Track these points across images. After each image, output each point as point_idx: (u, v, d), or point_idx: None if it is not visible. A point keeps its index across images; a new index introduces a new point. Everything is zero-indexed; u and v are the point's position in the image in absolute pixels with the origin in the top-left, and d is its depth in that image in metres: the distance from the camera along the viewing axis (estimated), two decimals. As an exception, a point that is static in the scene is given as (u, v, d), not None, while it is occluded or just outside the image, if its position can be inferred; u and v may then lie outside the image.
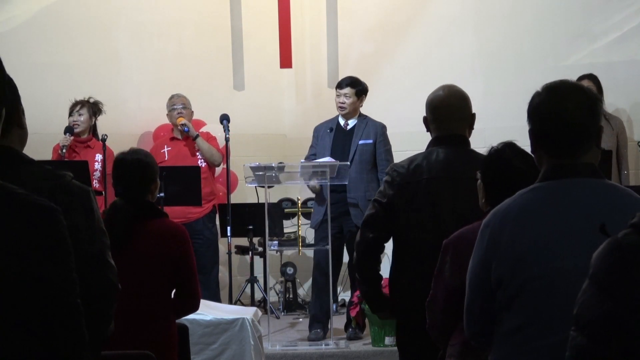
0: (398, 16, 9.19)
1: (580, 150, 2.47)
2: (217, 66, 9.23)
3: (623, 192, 2.48)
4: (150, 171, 3.99)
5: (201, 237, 7.62)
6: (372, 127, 7.16)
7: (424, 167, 3.81)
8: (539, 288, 2.39)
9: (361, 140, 7.12)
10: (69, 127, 7.39)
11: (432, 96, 3.92)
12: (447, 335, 3.27)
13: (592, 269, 1.75)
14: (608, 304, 1.70)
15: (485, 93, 8.21)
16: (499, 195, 2.91)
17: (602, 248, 1.75)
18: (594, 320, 1.72)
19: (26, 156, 2.51)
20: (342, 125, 7.24)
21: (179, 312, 4.06)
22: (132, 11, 8.90)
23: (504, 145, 3.21)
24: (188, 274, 3.96)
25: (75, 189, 2.52)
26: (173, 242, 3.92)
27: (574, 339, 1.76)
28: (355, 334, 7.09)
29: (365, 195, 7.03)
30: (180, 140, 7.79)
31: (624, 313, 1.68)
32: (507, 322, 2.46)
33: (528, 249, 2.41)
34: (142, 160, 3.99)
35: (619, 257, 1.71)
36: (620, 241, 1.72)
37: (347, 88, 7.20)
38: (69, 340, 1.89)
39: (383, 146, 7.13)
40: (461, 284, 3.10)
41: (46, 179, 2.47)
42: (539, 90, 2.52)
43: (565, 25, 8.47)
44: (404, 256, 3.83)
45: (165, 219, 4.03)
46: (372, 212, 3.87)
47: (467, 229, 3.18)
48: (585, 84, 3.18)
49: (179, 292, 4.00)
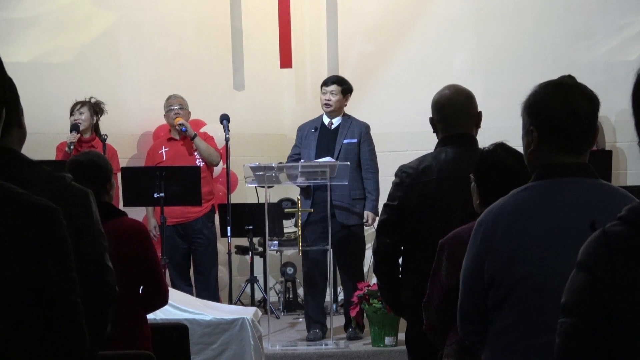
0: (398, 16, 9.19)
1: (584, 146, 2.48)
2: (217, 66, 9.23)
3: (617, 192, 2.48)
4: (104, 171, 4.02)
5: (200, 236, 7.65)
6: (356, 127, 7.18)
7: (433, 167, 3.81)
8: (531, 287, 2.39)
9: (346, 139, 7.14)
10: (75, 125, 7.44)
11: (437, 96, 3.91)
12: (444, 335, 3.27)
13: (579, 257, 1.80)
14: (595, 286, 1.74)
15: (485, 93, 8.19)
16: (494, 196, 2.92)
17: (590, 238, 1.80)
18: (581, 301, 1.76)
19: (25, 157, 2.50)
20: (326, 124, 7.26)
21: (147, 308, 4.11)
22: (132, 11, 8.90)
23: (496, 146, 3.22)
24: (152, 270, 4.01)
25: (75, 191, 2.52)
26: (133, 239, 3.97)
27: (562, 324, 1.79)
28: (355, 334, 7.09)
29: (350, 194, 7.04)
30: (178, 141, 7.81)
31: (611, 294, 1.72)
32: (499, 321, 2.46)
33: (521, 248, 2.41)
34: (95, 162, 4.02)
35: (604, 244, 1.75)
36: (606, 231, 1.78)
37: (333, 85, 7.23)
38: (70, 339, 1.90)
39: (367, 146, 7.15)
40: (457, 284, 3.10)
41: (46, 181, 2.47)
42: (538, 89, 2.51)
43: (565, 25, 8.46)
44: (414, 256, 3.83)
45: (123, 217, 4.05)
46: (385, 217, 3.88)
47: (462, 229, 3.19)
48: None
49: (145, 288, 4.06)
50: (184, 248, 7.71)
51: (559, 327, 1.80)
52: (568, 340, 1.78)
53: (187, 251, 7.74)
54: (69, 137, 7.35)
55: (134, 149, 8.81)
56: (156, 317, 4.93)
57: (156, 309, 4.25)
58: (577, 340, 1.76)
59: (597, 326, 1.73)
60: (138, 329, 4.01)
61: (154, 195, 6.97)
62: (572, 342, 1.77)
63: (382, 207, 3.93)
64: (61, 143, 7.48)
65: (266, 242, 7.18)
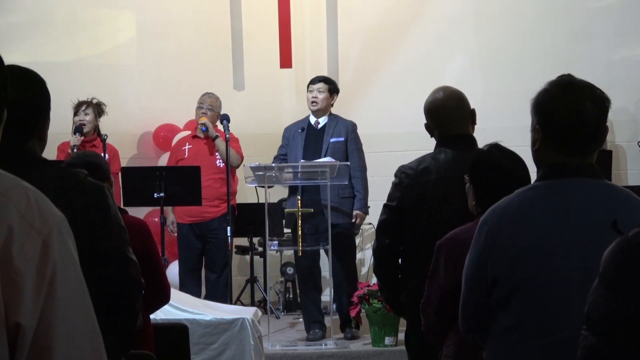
0: (398, 16, 9.19)
1: (590, 149, 2.47)
2: (217, 66, 9.23)
3: (622, 192, 2.48)
4: (102, 170, 4.02)
5: (215, 236, 7.62)
6: (342, 125, 7.18)
7: (432, 168, 3.81)
8: (535, 287, 2.39)
9: (332, 138, 7.13)
10: (79, 127, 7.42)
11: (428, 102, 3.92)
12: (442, 336, 3.28)
13: (602, 268, 1.74)
14: (617, 302, 1.69)
15: (485, 93, 8.21)
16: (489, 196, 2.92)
17: (612, 247, 1.74)
18: (603, 319, 1.71)
19: (40, 156, 2.55)
20: (312, 124, 7.25)
21: (149, 306, 4.09)
22: (132, 11, 8.90)
23: (490, 146, 3.22)
24: (153, 268, 4.00)
25: (90, 186, 2.55)
26: (135, 237, 3.95)
27: (585, 339, 1.75)
28: (352, 334, 7.09)
29: (339, 193, 7.02)
30: (201, 139, 7.79)
31: (633, 312, 1.67)
32: (502, 321, 2.46)
33: (525, 248, 2.40)
34: (92, 162, 4.02)
35: (628, 256, 1.70)
36: (629, 240, 1.71)
37: (320, 83, 7.24)
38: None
39: (354, 144, 7.15)
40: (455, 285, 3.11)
41: (61, 178, 2.50)
42: (548, 87, 2.49)
43: (565, 25, 8.46)
44: (413, 256, 3.83)
45: (124, 215, 4.05)
46: (384, 217, 3.88)
47: (459, 230, 3.19)
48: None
49: (147, 286, 4.04)
50: (198, 248, 7.69)
51: (582, 340, 1.76)
52: (590, 356, 1.74)
53: (201, 251, 7.72)
54: (72, 140, 7.33)
55: (134, 149, 8.81)
56: (156, 317, 4.92)
57: (158, 307, 4.24)
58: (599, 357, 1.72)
59: (619, 347, 1.68)
60: (141, 330, 3.96)
61: (154, 195, 6.97)
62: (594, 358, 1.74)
63: (382, 207, 3.94)
64: (62, 143, 7.48)
65: (266, 242, 7.18)
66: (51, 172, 2.50)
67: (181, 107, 8.83)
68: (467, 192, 3.27)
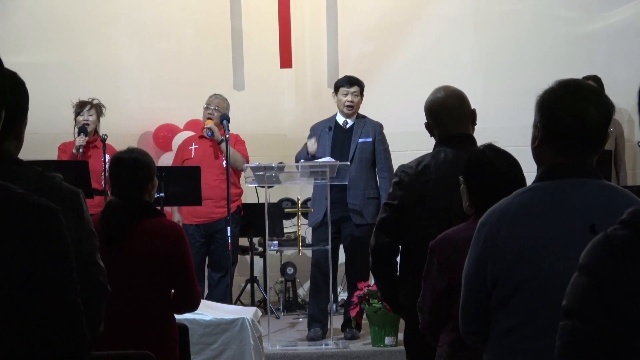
0: (398, 16, 9.19)
1: (590, 152, 2.47)
2: (217, 66, 9.23)
3: (621, 193, 2.48)
4: (147, 170, 3.98)
5: (222, 237, 7.62)
6: (370, 126, 7.20)
7: (432, 167, 3.81)
8: (534, 288, 2.38)
9: (361, 138, 7.15)
10: (82, 128, 7.40)
11: (429, 101, 3.92)
12: (438, 335, 3.29)
13: (581, 261, 1.79)
14: (598, 289, 1.74)
15: (485, 93, 8.21)
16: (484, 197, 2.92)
17: (592, 242, 1.80)
18: (584, 304, 1.76)
19: (16, 157, 2.50)
20: (341, 124, 7.25)
21: (178, 311, 4.06)
22: (132, 11, 8.90)
23: (484, 147, 3.23)
24: (185, 273, 3.95)
25: (65, 191, 2.53)
26: (169, 241, 3.91)
27: (563, 327, 1.79)
28: (352, 334, 7.09)
29: (365, 193, 7.05)
30: (208, 140, 7.78)
31: (614, 297, 1.71)
32: (502, 322, 2.46)
33: (525, 249, 2.40)
34: (138, 159, 3.97)
35: (607, 248, 1.75)
36: (608, 234, 1.77)
37: (355, 87, 7.24)
38: (71, 340, 1.87)
39: (382, 145, 7.16)
40: (448, 285, 3.12)
41: (36, 181, 2.47)
42: (555, 87, 2.49)
43: (565, 25, 8.46)
44: (412, 255, 3.83)
45: (161, 218, 4.02)
46: (384, 215, 3.88)
47: (452, 231, 3.20)
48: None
49: (177, 291, 4.00)
50: (203, 248, 7.69)
51: (560, 330, 1.80)
52: (569, 343, 1.78)
53: (206, 251, 7.73)
54: (78, 140, 7.31)
55: (134, 149, 8.80)
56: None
57: (185, 312, 4.19)
58: (578, 343, 1.76)
59: (599, 329, 1.73)
60: (167, 331, 3.95)
61: (154, 195, 6.96)
62: (573, 345, 1.77)
63: (382, 206, 3.94)
64: (63, 143, 7.46)
65: (266, 242, 7.17)
66: (27, 174, 2.46)
67: (181, 107, 8.84)
68: (462, 193, 3.28)
